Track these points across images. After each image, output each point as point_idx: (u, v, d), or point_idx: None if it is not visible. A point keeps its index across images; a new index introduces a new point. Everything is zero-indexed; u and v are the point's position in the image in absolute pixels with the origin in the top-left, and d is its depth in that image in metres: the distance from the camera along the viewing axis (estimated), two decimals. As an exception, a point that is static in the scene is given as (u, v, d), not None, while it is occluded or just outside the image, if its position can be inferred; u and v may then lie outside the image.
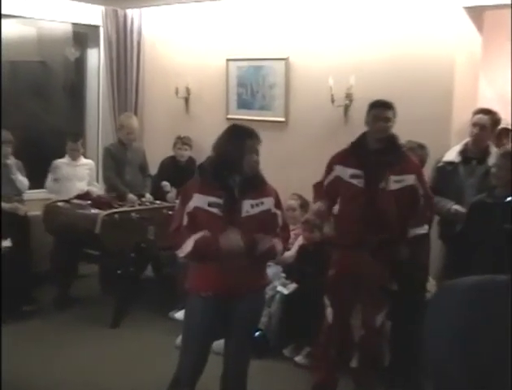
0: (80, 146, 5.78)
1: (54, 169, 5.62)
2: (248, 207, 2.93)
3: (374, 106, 3.58)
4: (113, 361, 4.21)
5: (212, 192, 2.91)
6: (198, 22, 5.99)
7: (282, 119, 5.51)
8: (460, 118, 4.58)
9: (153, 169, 5.85)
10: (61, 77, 6.66)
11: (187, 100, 6.10)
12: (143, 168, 5.73)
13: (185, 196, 2.98)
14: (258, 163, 2.99)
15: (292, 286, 4.43)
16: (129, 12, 6.29)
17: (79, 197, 5.27)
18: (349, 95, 4.98)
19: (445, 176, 4.10)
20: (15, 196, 5.25)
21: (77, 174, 5.69)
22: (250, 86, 5.69)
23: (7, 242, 4.79)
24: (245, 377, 3.15)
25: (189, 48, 6.05)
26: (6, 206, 5.05)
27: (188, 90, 6.04)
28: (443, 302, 1.18)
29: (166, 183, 5.63)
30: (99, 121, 6.61)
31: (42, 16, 5.98)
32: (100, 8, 6.20)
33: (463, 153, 4.11)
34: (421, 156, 4.01)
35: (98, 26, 6.33)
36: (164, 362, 3.77)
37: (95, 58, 6.54)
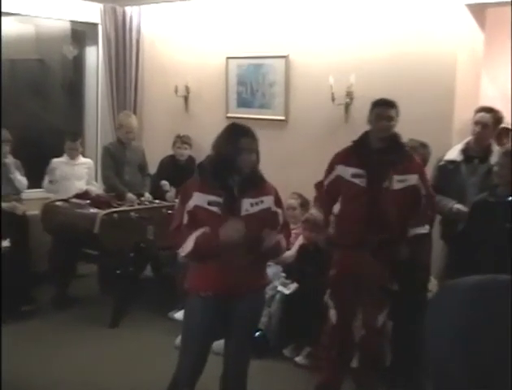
0: (79, 145, 5.76)
1: (51, 170, 5.60)
2: (247, 206, 2.92)
3: (377, 105, 3.54)
4: (112, 361, 4.20)
5: (212, 190, 2.90)
6: (198, 20, 5.96)
7: (282, 118, 5.48)
8: (462, 116, 4.56)
9: (152, 168, 5.83)
10: (59, 75, 6.63)
11: (186, 98, 6.08)
12: (142, 167, 5.71)
13: (185, 195, 2.96)
14: (255, 162, 2.96)
15: (292, 286, 4.42)
16: (128, 10, 6.26)
17: (77, 197, 5.25)
18: (350, 93, 4.95)
19: (447, 175, 4.07)
20: (14, 195, 5.23)
21: (76, 173, 5.67)
22: (250, 84, 5.66)
23: (6, 242, 4.77)
24: (245, 377, 3.14)
25: (189, 46, 6.02)
26: (4, 206, 5.03)
27: (187, 89, 6.02)
28: (444, 302, 1.18)
29: (165, 182, 5.60)
30: (98, 120, 6.58)
31: (40, 14, 5.95)
32: (98, 5, 6.17)
33: (465, 151, 4.08)
34: (423, 155, 3.99)
35: (97, 24, 6.30)
36: (163, 363, 3.75)
37: (93, 57, 6.51)
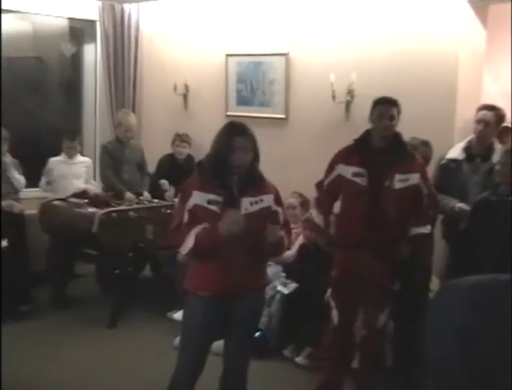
0: (77, 144, 5.73)
1: (48, 171, 5.58)
2: (247, 205, 2.89)
3: (378, 103, 3.50)
4: (111, 361, 4.18)
5: (211, 189, 2.88)
6: (197, 17, 5.93)
7: (282, 116, 5.45)
8: (464, 114, 4.53)
9: (151, 167, 5.80)
10: (57, 73, 6.59)
11: (185, 97, 6.04)
12: (141, 166, 5.68)
13: (185, 193, 2.94)
14: (250, 161, 2.91)
15: (292, 286, 4.40)
16: (126, 7, 6.22)
17: (76, 196, 5.22)
18: (351, 91, 4.92)
19: (449, 174, 4.04)
20: (12, 194, 5.20)
21: (74, 172, 5.65)
22: (250, 82, 5.62)
23: (4, 242, 4.74)
24: (245, 377, 3.13)
25: (188, 43, 5.99)
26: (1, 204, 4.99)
27: (186, 87, 5.98)
28: (445, 302, 1.17)
29: (164, 181, 5.57)
30: (96, 118, 6.55)
31: (38, 11, 5.92)
32: (97, 3, 6.14)
33: (467, 150, 4.05)
34: (425, 153, 3.96)
35: (95, 21, 6.26)
36: (162, 363, 3.73)
37: (92, 54, 6.48)
